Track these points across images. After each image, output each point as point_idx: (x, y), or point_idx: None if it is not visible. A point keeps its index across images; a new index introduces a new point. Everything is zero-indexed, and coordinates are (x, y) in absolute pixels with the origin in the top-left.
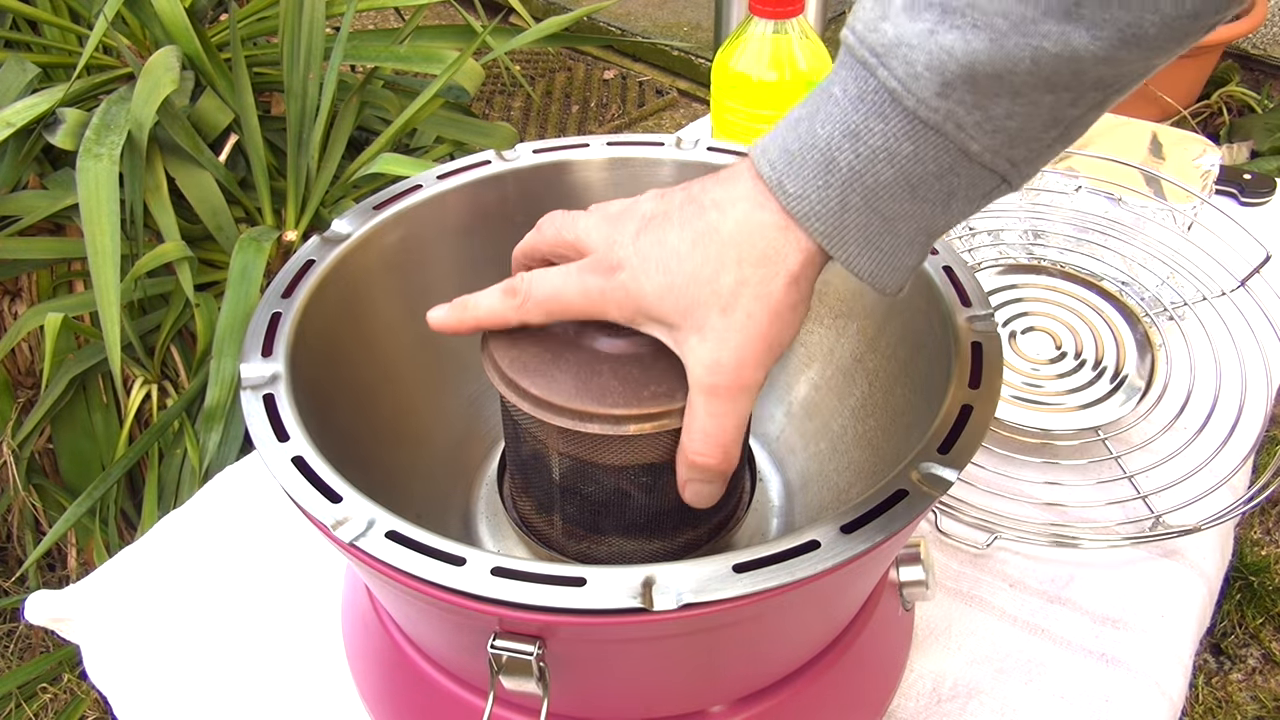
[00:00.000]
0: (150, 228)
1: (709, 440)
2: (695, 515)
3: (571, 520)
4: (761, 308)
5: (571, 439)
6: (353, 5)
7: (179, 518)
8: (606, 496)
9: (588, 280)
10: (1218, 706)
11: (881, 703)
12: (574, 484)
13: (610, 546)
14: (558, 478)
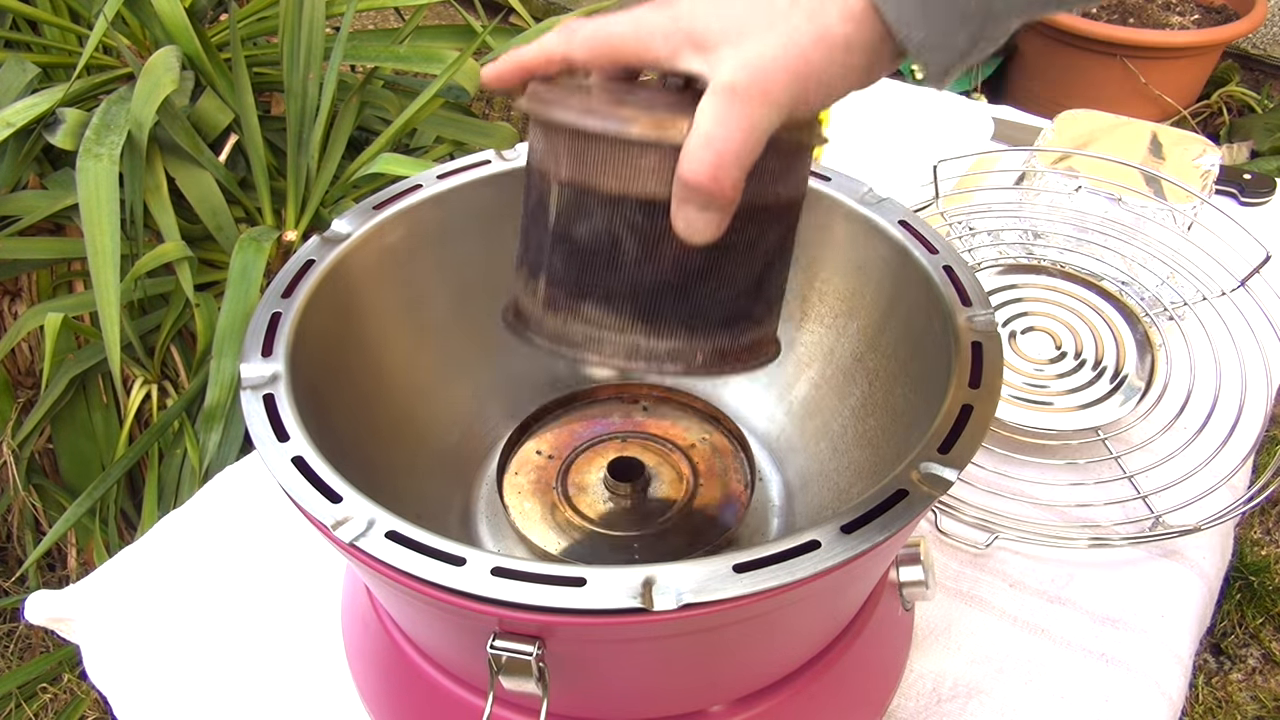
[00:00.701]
0: (150, 228)
1: (708, 147)
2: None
3: (557, 280)
4: (810, 27)
5: (574, 151)
6: (353, 5)
7: (179, 518)
8: (597, 241)
9: (638, 11)
10: (1218, 706)
11: (881, 703)
12: (567, 226)
13: (588, 320)
14: (553, 219)
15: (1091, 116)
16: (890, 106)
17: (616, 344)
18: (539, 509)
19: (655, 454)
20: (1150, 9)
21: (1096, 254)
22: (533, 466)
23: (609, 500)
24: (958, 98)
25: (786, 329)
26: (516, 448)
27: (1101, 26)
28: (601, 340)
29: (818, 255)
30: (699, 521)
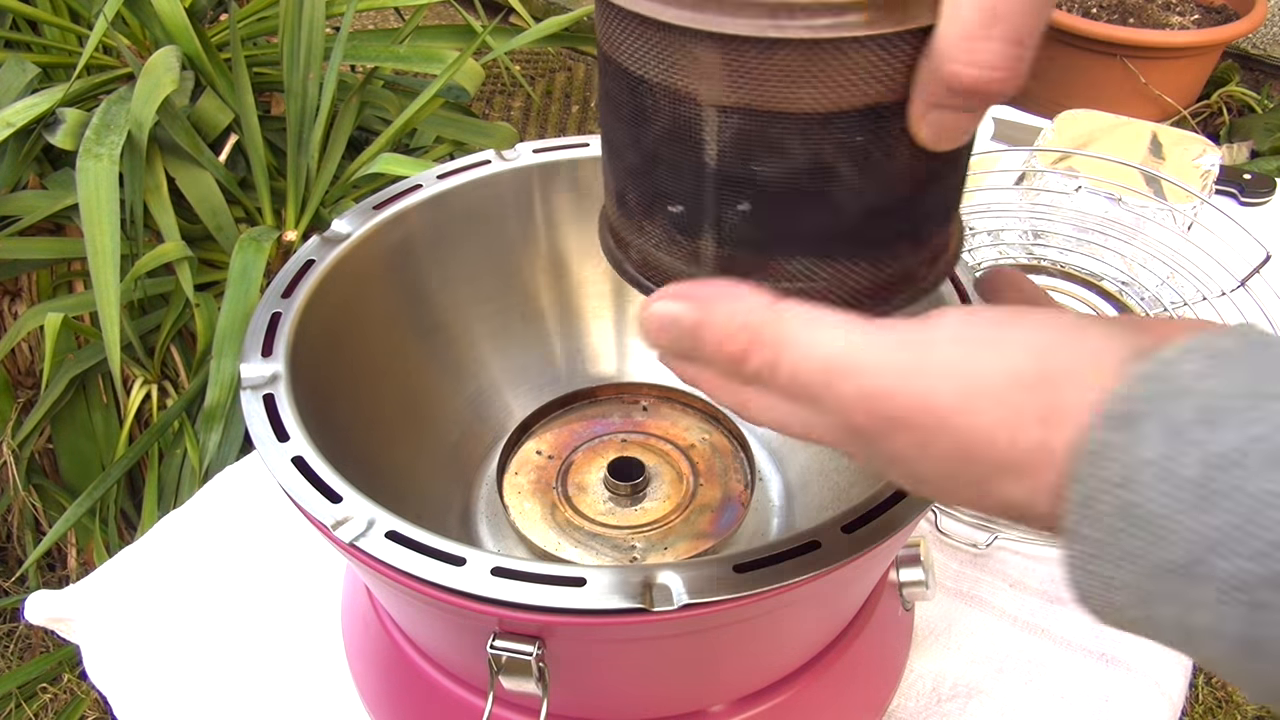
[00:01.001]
0: (150, 228)
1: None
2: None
3: (735, 238)
4: None
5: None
6: (353, 5)
7: (179, 518)
8: (798, 180)
9: None
10: (1218, 706)
11: (881, 703)
12: (743, 165)
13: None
14: (715, 157)
15: (1091, 116)
16: None
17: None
18: (539, 509)
19: (655, 454)
20: (1150, 9)
21: (1096, 254)
22: (533, 466)
23: (609, 500)
24: None
25: None
26: (516, 448)
27: (1101, 26)
28: (812, 291)
29: None
30: (699, 522)
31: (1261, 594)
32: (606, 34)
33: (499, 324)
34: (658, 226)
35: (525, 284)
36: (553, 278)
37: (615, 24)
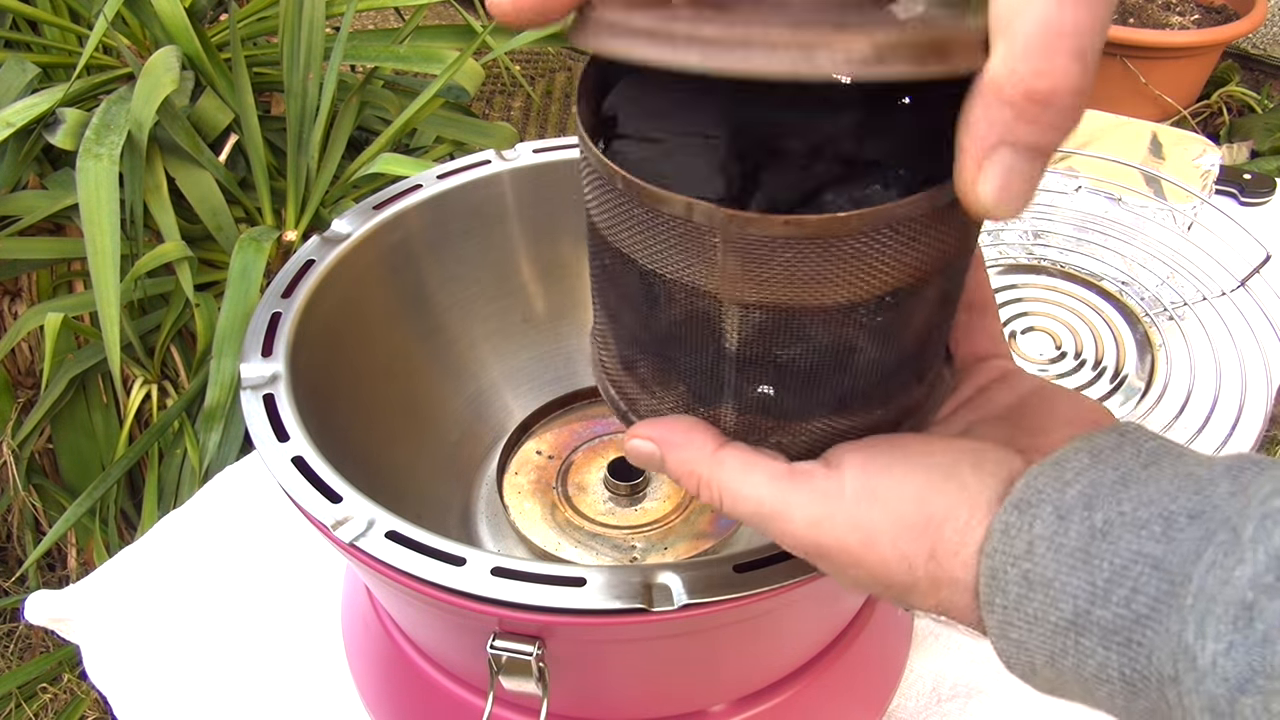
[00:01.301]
0: (150, 228)
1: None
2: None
3: (753, 410)
4: None
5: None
6: (353, 5)
7: (179, 518)
8: (819, 359)
9: None
10: None
11: (881, 703)
12: (766, 351)
13: (814, 433)
14: (736, 344)
15: (1091, 116)
16: None
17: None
18: (539, 509)
19: None
20: (1150, 9)
21: (1096, 254)
22: (533, 466)
23: (609, 500)
24: None
25: None
26: (516, 448)
27: None
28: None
29: None
30: (699, 522)
31: (1135, 634)
32: (610, 222)
33: (499, 324)
34: (670, 395)
35: (525, 284)
36: (553, 278)
37: (624, 217)
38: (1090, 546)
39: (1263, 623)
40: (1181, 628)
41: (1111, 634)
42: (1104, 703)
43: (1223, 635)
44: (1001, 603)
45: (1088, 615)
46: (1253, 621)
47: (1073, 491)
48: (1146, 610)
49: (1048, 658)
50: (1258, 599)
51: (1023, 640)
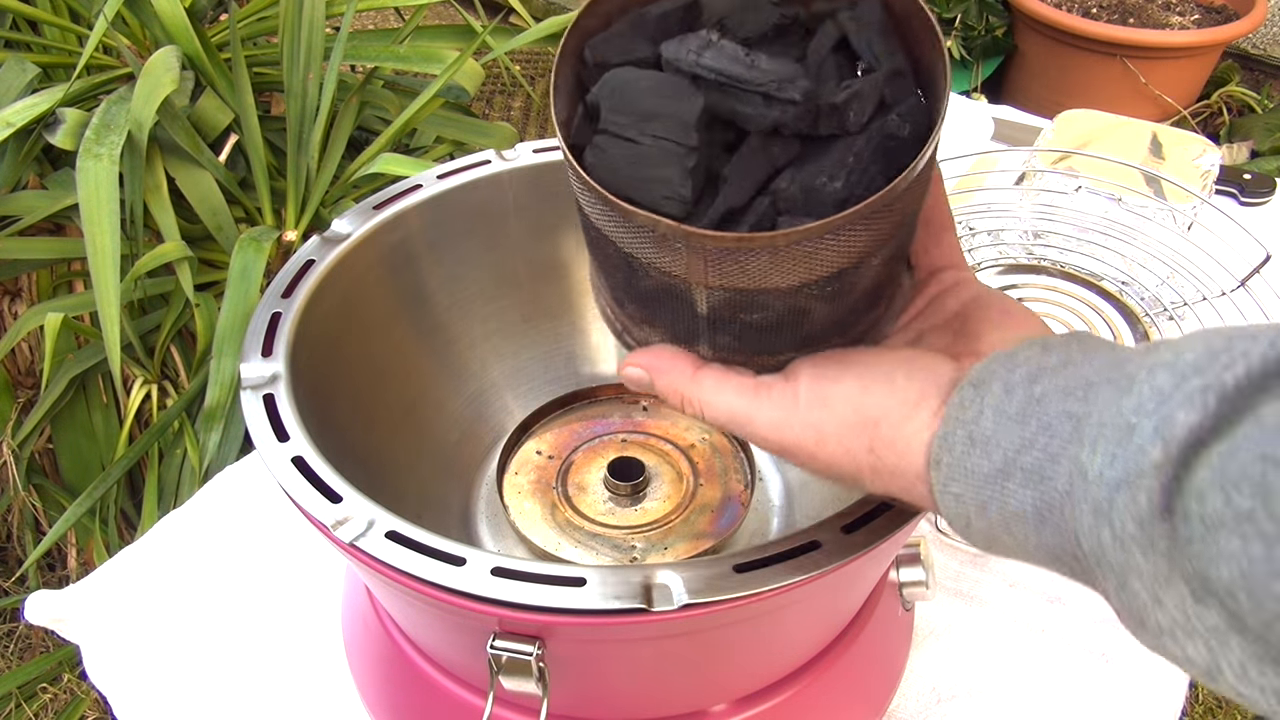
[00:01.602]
0: (150, 228)
1: None
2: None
3: (724, 349)
4: None
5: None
6: (353, 5)
7: (179, 518)
8: (777, 319)
9: None
10: (1218, 706)
11: (881, 703)
12: (730, 314)
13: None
14: (705, 310)
15: (1091, 116)
16: None
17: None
18: (539, 509)
19: (655, 454)
20: (1150, 9)
21: (1096, 254)
22: (533, 466)
23: (609, 500)
24: (958, 98)
25: None
26: (516, 448)
27: (1101, 26)
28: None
29: None
30: (699, 522)
31: (1047, 470)
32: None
33: (499, 324)
34: (655, 333)
35: (525, 284)
36: (553, 278)
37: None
38: (1026, 410)
39: (1138, 438)
40: (1078, 451)
41: (1030, 474)
42: (1020, 542)
43: (1108, 450)
44: (947, 460)
45: (1014, 462)
46: (1131, 438)
47: (1020, 372)
48: (1059, 449)
49: (979, 507)
50: (1139, 422)
51: (960, 493)
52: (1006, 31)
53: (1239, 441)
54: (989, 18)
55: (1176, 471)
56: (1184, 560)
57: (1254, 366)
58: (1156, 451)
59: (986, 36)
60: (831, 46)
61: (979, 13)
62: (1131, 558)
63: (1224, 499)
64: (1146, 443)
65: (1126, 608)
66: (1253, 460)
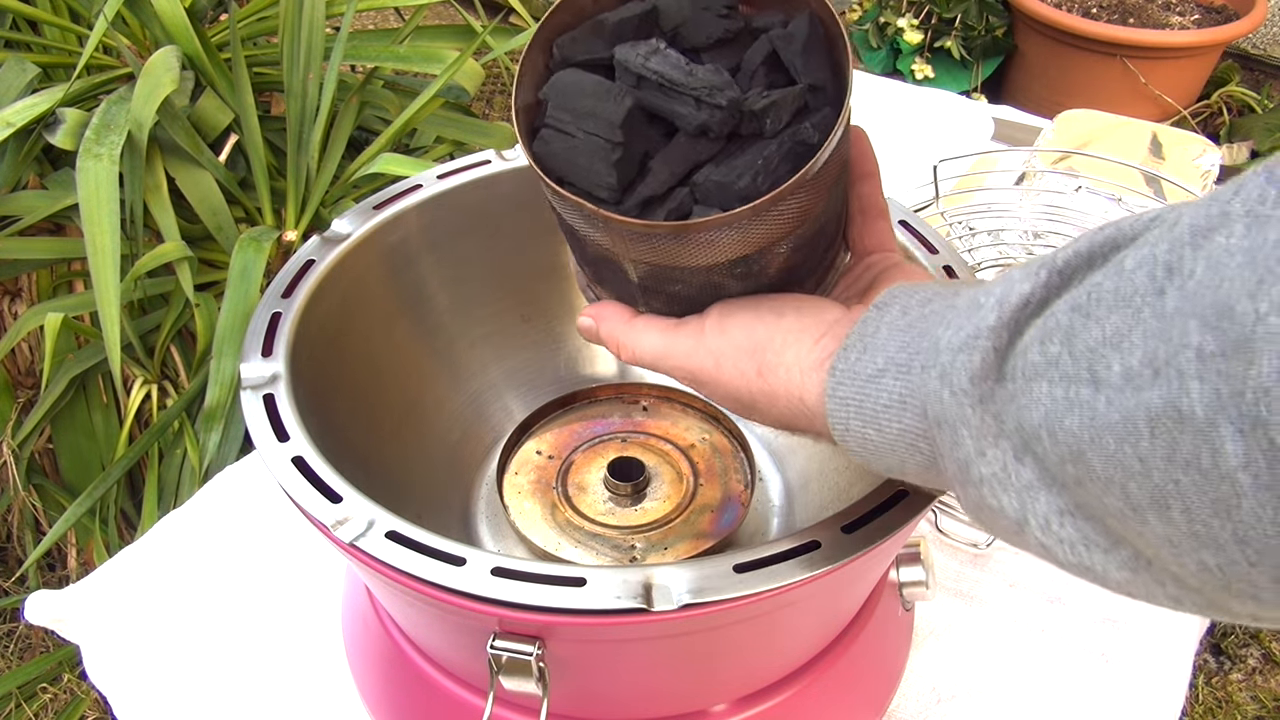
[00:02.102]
0: (150, 228)
1: None
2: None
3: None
4: None
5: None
6: (353, 5)
7: (179, 518)
8: (699, 290)
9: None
10: (1218, 706)
11: (881, 703)
12: (657, 285)
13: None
14: (636, 279)
15: (1091, 116)
16: (890, 106)
17: None
18: (539, 509)
19: (655, 454)
20: (1150, 9)
21: None
22: (533, 466)
23: (609, 500)
24: (958, 98)
25: None
26: (516, 448)
27: (1101, 26)
28: None
29: None
30: (699, 522)
31: (914, 362)
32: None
33: (499, 324)
34: (606, 292)
35: (525, 284)
36: (553, 278)
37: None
38: (913, 323)
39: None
40: (940, 332)
41: (901, 367)
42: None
43: (958, 324)
44: (841, 367)
45: (892, 360)
46: (977, 311)
47: (919, 296)
48: (926, 344)
49: (858, 406)
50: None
51: (846, 396)
52: (1006, 31)
53: (1059, 303)
54: (989, 18)
55: (1010, 335)
56: (1007, 417)
57: (1081, 249)
58: (992, 317)
59: (986, 36)
60: (762, 60)
61: (979, 13)
62: (964, 411)
63: (1041, 349)
64: (988, 311)
65: (956, 461)
66: (1064, 311)
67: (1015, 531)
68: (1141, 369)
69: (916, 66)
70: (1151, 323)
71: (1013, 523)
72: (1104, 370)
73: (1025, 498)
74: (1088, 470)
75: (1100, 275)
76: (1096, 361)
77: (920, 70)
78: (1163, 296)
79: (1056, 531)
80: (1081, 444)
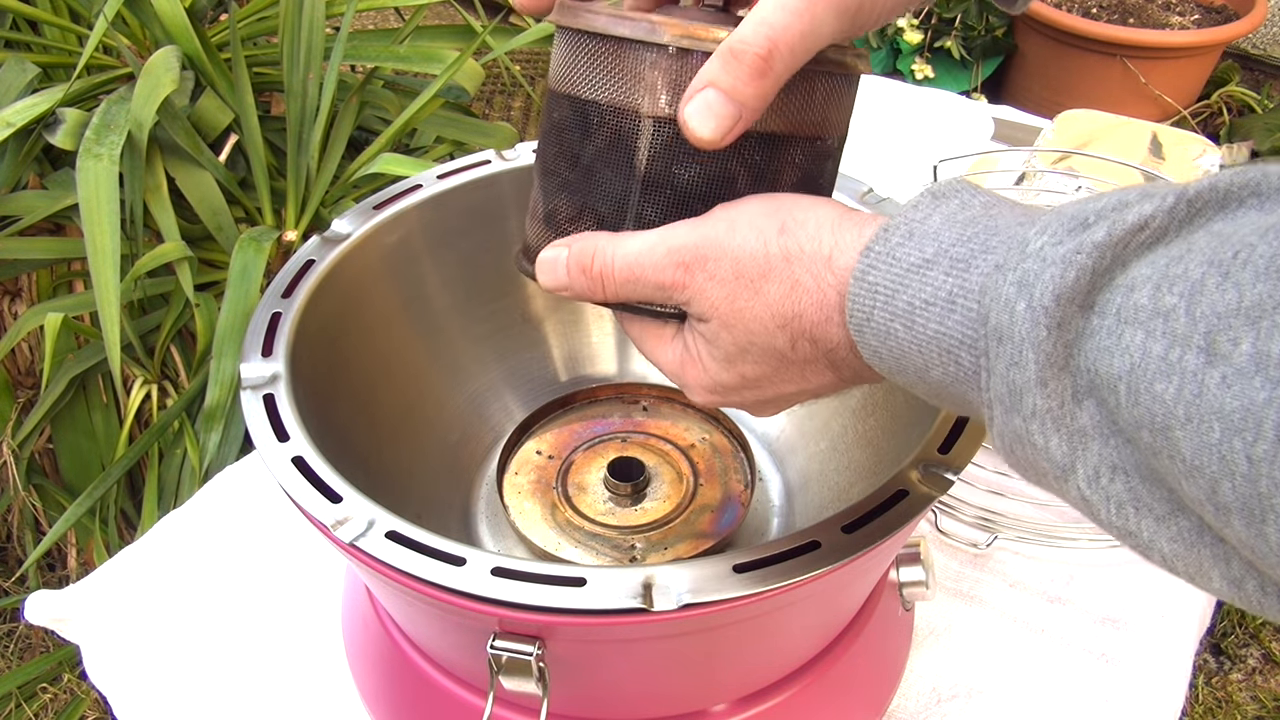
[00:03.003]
0: (150, 228)
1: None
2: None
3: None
4: None
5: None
6: (353, 5)
7: (179, 518)
8: (708, 184)
9: None
10: (1218, 706)
11: (881, 703)
12: (667, 169)
13: None
14: (643, 163)
15: (1091, 116)
16: (890, 106)
17: None
18: (539, 509)
19: (655, 454)
20: (1150, 9)
21: None
22: (533, 466)
23: (609, 500)
24: (958, 98)
25: None
26: (516, 448)
27: (1101, 26)
28: None
29: None
30: (699, 522)
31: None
32: (564, 72)
33: (499, 324)
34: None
35: (525, 284)
36: None
37: (574, 55)
38: (977, 218)
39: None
40: (1026, 231)
41: (957, 262)
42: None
43: (1056, 233)
44: (879, 249)
45: (946, 253)
46: (1083, 228)
47: (983, 197)
48: (997, 243)
49: (889, 295)
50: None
51: (877, 281)
52: (1006, 31)
53: (1191, 245)
54: (989, 18)
55: (1114, 258)
56: (1082, 353)
57: (1220, 184)
58: (1101, 232)
59: (986, 36)
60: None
61: (979, 13)
62: (1038, 331)
63: (1152, 293)
64: (1096, 228)
65: (1009, 384)
66: (1199, 264)
67: (1057, 477)
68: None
69: (916, 66)
70: None
71: (1057, 467)
72: (1228, 345)
73: (1076, 444)
74: (1171, 447)
75: (1252, 230)
76: (1221, 332)
77: (920, 70)
78: None
79: (1105, 487)
80: (1172, 419)
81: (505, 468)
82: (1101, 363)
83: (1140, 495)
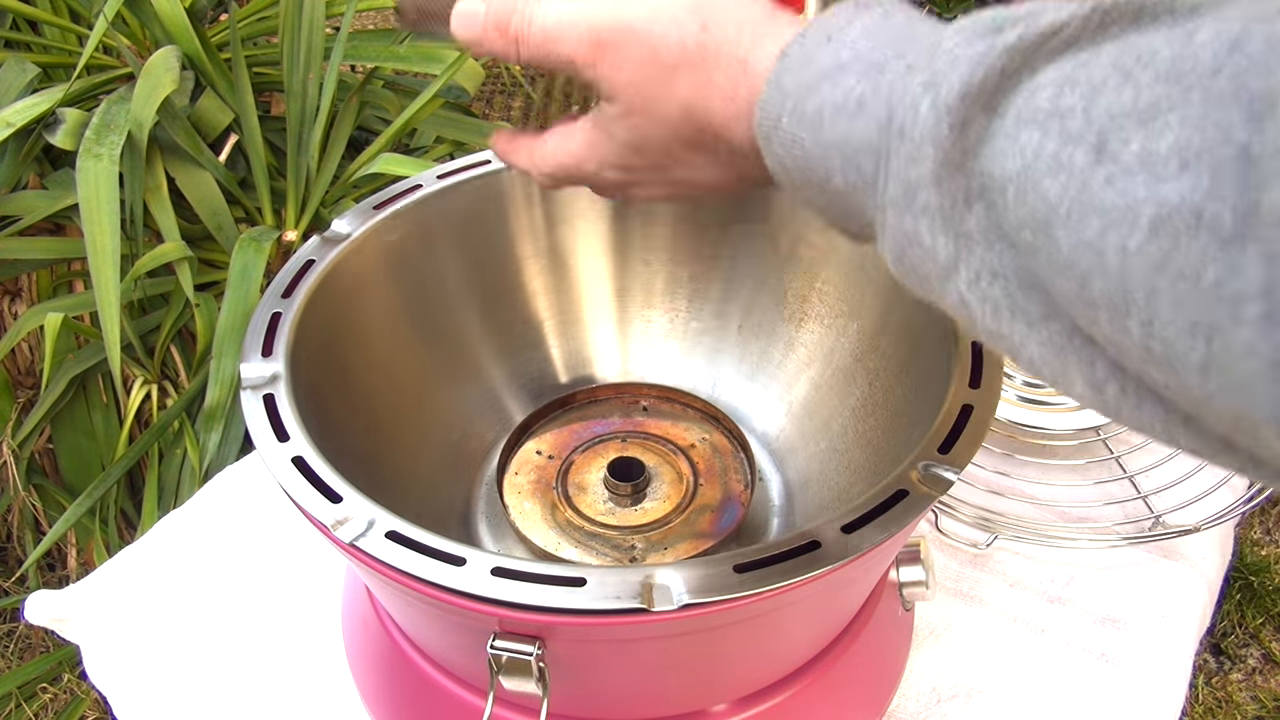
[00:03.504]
0: (150, 228)
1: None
2: None
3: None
4: None
5: None
6: (353, 5)
7: (179, 518)
8: None
9: None
10: (1218, 706)
11: (881, 703)
12: None
13: None
14: None
15: None
16: None
17: None
18: (539, 509)
19: (655, 454)
20: None
21: None
22: (533, 466)
23: (609, 500)
24: None
25: (787, 330)
26: (516, 448)
27: None
28: None
29: (818, 256)
30: (699, 522)
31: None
32: None
33: (499, 324)
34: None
35: (525, 284)
36: (553, 278)
37: None
38: (902, 27)
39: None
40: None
41: (870, 66)
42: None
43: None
44: (796, 52)
45: (861, 58)
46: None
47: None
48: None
49: (800, 97)
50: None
51: (790, 85)
52: None
53: (1099, 52)
54: None
55: (1023, 63)
56: (979, 157)
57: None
58: (1013, 35)
59: None
60: None
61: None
62: (939, 130)
63: (1053, 95)
64: (1008, 32)
65: (904, 183)
66: (1102, 68)
67: (940, 278)
68: (1168, 157)
69: None
70: (1197, 107)
71: (940, 268)
72: (1117, 145)
73: (960, 245)
74: (1050, 245)
75: (1160, 39)
76: (1113, 132)
77: None
78: (1217, 76)
79: (985, 290)
80: (1054, 216)
81: (505, 468)
82: (995, 164)
83: (1016, 300)
